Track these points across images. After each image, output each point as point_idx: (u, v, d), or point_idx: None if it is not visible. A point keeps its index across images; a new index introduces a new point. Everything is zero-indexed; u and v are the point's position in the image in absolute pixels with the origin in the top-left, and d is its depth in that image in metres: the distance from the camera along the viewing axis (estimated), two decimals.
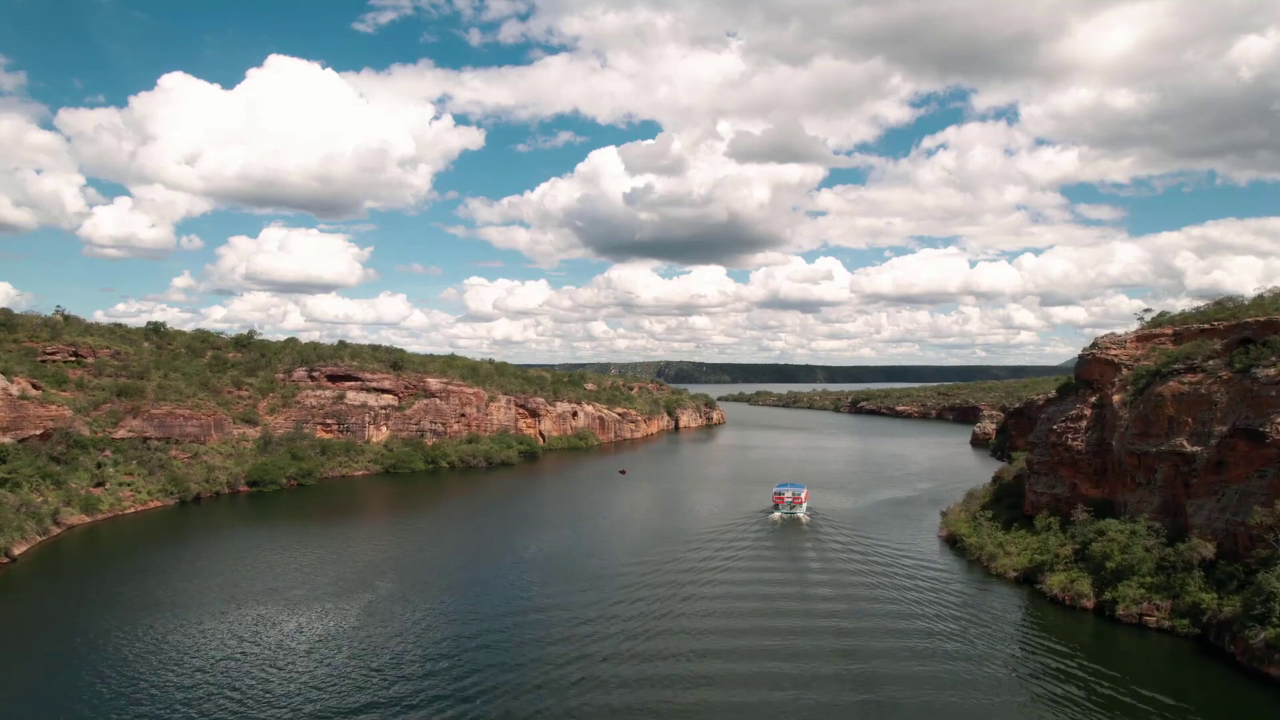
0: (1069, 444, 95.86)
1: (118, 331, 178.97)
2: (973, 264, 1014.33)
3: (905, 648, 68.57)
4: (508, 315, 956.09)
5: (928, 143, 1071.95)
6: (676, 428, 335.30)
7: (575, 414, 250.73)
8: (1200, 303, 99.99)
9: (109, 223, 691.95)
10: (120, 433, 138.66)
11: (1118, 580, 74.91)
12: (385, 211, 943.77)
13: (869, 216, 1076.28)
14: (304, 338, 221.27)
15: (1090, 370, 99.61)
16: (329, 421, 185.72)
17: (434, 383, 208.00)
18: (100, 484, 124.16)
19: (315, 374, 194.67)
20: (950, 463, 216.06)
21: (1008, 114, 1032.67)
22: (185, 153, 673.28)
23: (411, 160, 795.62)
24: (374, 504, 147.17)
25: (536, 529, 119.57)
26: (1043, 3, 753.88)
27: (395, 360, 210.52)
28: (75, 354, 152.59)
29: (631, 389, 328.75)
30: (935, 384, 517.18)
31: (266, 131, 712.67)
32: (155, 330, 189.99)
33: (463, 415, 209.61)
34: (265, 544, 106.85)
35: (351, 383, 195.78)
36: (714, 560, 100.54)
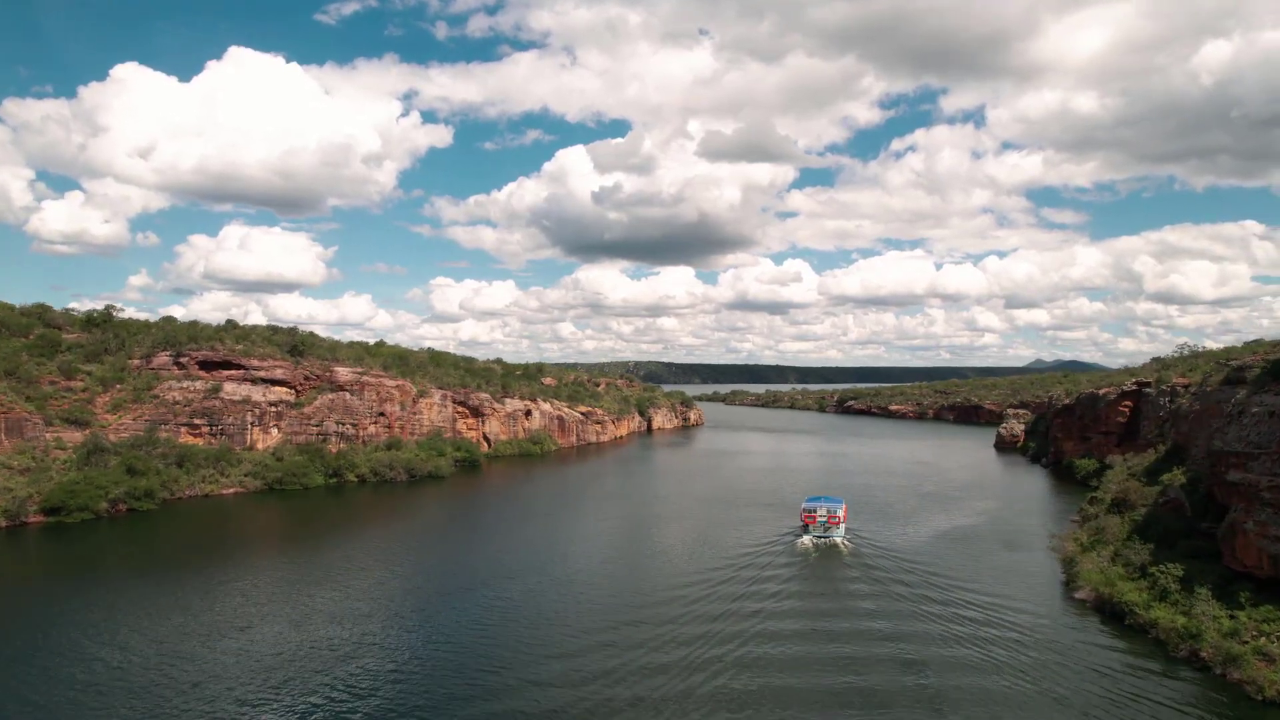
0: None
1: None
2: (938, 266, 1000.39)
3: None
4: (474, 316, 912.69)
5: (896, 145, 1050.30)
6: (649, 429, 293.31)
7: (529, 413, 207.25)
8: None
9: (59, 218, 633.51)
10: None
11: None
12: (349, 210, 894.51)
13: (838, 218, 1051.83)
14: None
15: None
16: (197, 422, 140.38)
17: (344, 373, 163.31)
18: None
19: (183, 360, 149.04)
20: (990, 473, 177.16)
21: (975, 117, 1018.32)
22: (138, 145, 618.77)
23: (376, 157, 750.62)
24: (216, 542, 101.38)
25: (445, 593, 76.40)
26: (1017, 1, 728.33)
27: (295, 344, 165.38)
28: None
29: (598, 385, 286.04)
30: (929, 382, 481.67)
31: (225, 125, 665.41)
32: None
33: (381, 414, 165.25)
34: None
35: (232, 371, 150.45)
36: (728, 629, 58.93)
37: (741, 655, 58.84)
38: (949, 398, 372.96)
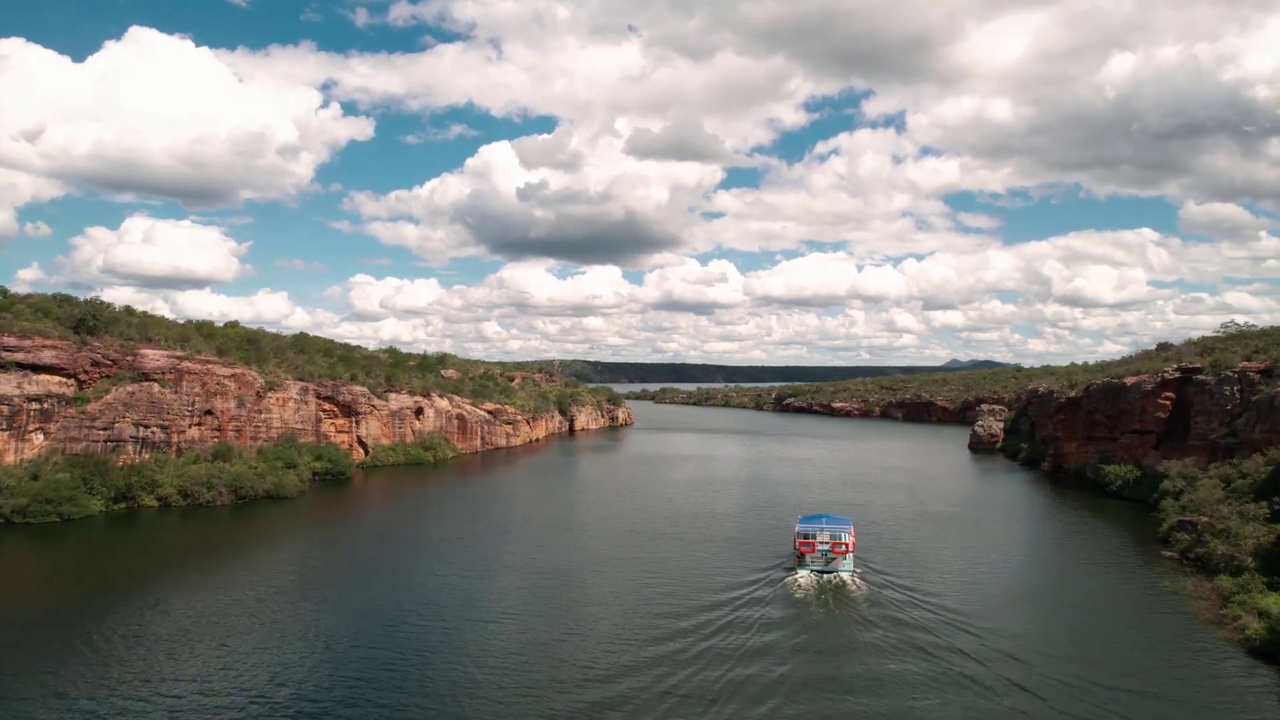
0: None
1: None
2: (860, 268, 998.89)
3: None
4: (396, 315, 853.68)
5: (821, 148, 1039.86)
6: (571, 430, 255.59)
7: (420, 411, 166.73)
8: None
9: None
10: None
11: None
12: (263, 203, 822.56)
13: (763, 219, 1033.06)
14: None
15: None
16: None
17: (154, 357, 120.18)
18: None
19: None
20: (984, 482, 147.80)
21: (896, 121, 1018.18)
22: (24, 128, 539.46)
23: (293, 148, 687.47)
24: None
25: None
26: (943, 4, 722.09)
27: (84, 318, 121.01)
28: None
29: (512, 379, 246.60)
30: (874, 378, 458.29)
31: (125, 109, 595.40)
32: None
33: (209, 413, 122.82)
34: None
35: None
36: None
37: None
38: (897, 394, 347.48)
